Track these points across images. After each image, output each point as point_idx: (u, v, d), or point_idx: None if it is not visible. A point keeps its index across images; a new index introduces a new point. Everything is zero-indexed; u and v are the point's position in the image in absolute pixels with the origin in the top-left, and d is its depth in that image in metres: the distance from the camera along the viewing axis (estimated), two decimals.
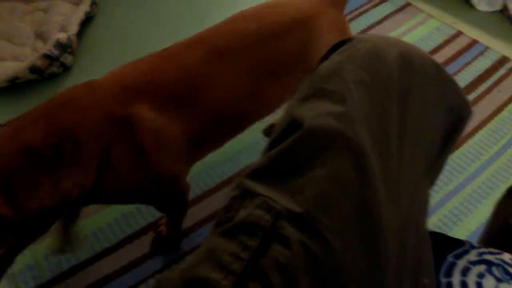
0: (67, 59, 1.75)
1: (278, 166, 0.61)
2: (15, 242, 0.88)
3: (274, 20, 1.09)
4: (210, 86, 1.02)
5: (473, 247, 0.75)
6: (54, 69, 1.73)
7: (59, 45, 1.71)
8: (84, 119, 0.90)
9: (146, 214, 1.39)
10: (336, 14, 1.15)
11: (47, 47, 1.69)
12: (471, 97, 1.68)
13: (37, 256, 1.32)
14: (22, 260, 1.31)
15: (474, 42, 1.88)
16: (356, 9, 2.04)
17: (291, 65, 1.11)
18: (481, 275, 0.70)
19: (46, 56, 1.68)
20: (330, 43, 1.11)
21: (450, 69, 1.76)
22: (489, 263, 0.71)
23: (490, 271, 0.70)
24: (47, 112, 0.90)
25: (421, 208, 0.68)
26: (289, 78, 1.12)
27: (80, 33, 1.89)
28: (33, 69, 1.67)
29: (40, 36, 1.82)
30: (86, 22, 1.94)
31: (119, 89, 0.95)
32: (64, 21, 1.85)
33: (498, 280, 0.69)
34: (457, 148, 1.53)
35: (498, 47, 1.87)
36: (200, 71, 1.01)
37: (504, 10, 1.99)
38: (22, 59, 1.74)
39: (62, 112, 0.90)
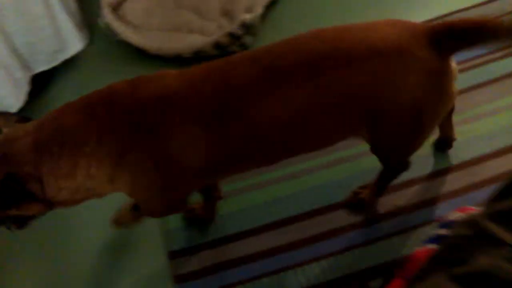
0: (248, 39, 1.81)
1: None
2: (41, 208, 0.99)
3: (350, 46, 0.94)
4: (251, 106, 0.95)
5: None
6: (234, 48, 1.79)
7: (244, 25, 1.77)
8: (113, 125, 0.95)
9: (294, 204, 1.41)
10: (434, 59, 0.94)
11: (233, 26, 1.76)
12: None
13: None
14: (176, 221, 1.42)
15: None
16: None
17: (356, 101, 0.96)
18: None
19: (230, 35, 1.75)
20: (413, 90, 0.93)
21: None
22: None
23: None
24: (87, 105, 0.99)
25: None
26: (350, 115, 0.98)
27: (264, 16, 1.92)
28: (216, 45, 1.75)
29: (227, 14, 1.91)
30: (271, 5, 1.96)
31: (155, 99, 0.96)
32: (251, 2, 1.91)
33: None
34: None
35: None
36: (244, 88, 0.95)
37: None
38: (208, 34, 1.85)
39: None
